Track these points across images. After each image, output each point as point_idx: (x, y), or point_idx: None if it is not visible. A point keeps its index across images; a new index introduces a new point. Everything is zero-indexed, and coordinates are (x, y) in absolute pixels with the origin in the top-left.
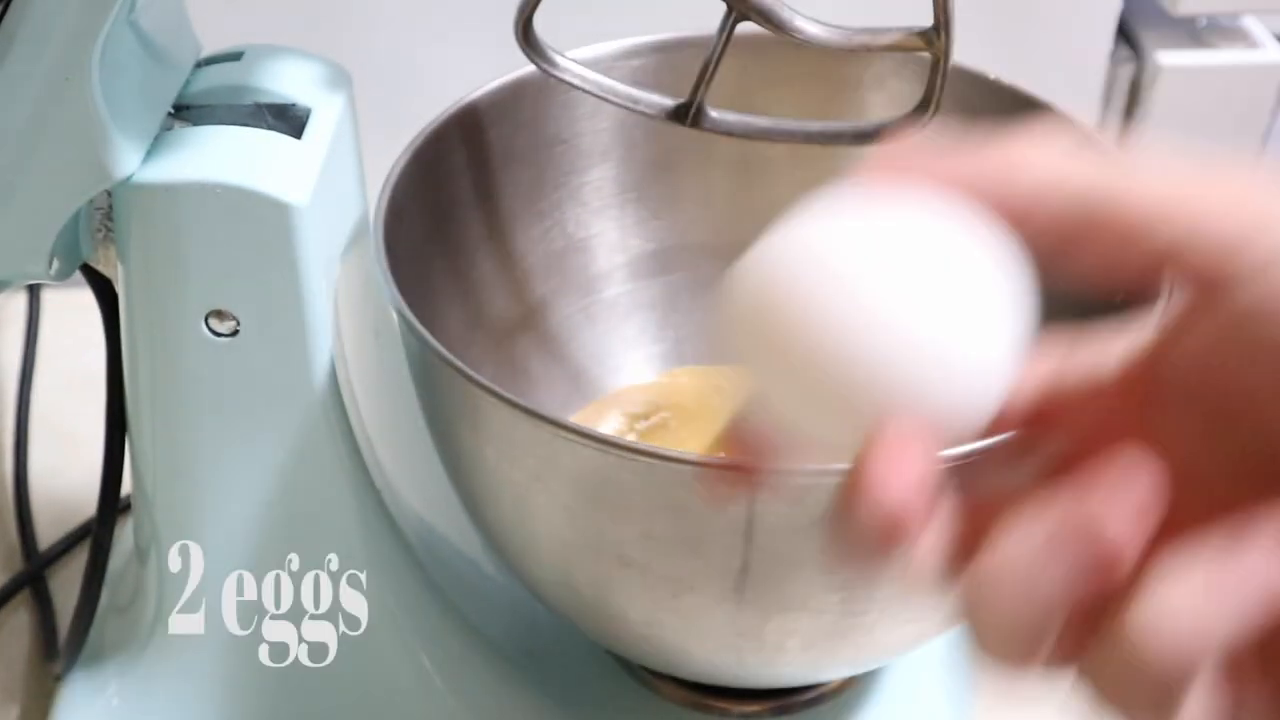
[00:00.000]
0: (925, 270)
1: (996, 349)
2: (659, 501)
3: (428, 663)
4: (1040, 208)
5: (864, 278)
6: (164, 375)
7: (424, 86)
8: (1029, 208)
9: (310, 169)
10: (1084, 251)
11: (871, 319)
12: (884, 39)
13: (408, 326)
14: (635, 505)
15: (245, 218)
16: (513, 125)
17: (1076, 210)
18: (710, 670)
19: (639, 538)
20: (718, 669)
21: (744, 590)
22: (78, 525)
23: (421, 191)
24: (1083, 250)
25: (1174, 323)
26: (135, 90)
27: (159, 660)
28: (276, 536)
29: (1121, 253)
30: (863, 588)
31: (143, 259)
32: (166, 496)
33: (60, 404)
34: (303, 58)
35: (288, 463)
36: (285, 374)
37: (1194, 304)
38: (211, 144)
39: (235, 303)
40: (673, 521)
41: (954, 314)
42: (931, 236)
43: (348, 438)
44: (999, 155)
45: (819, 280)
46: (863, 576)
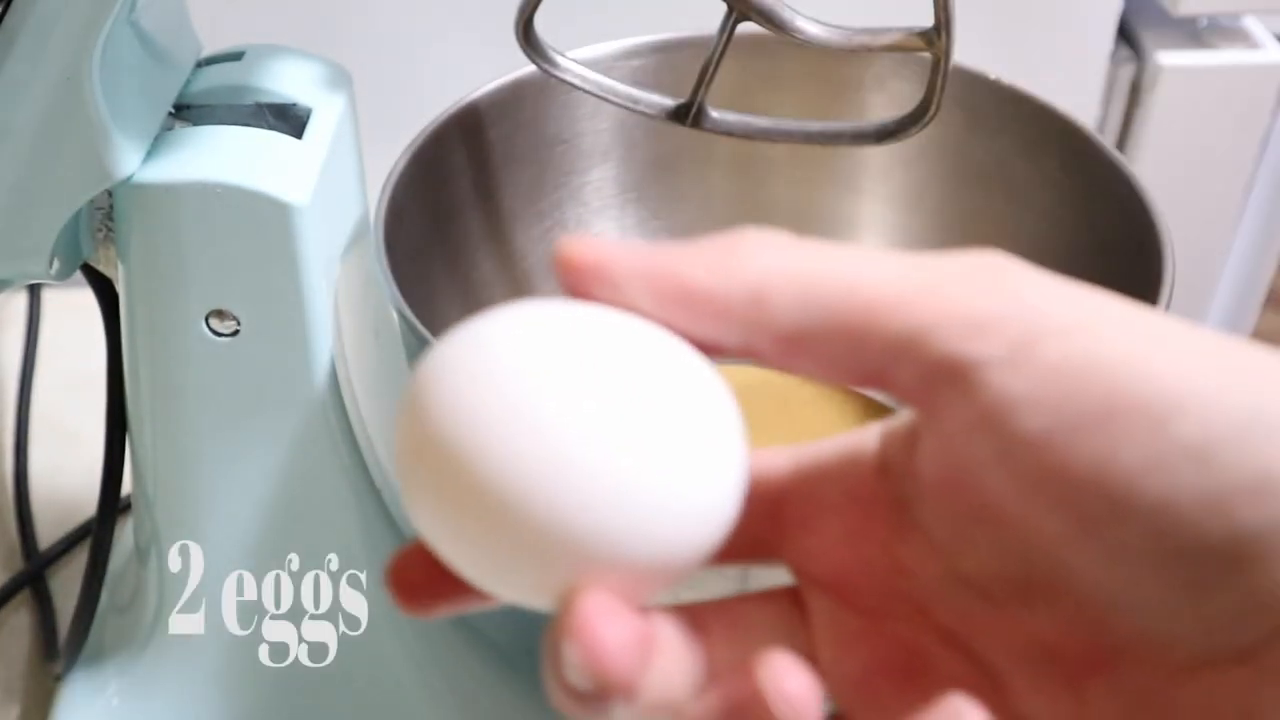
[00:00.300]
0: (626, 387)
1: (721, 473)
2: None
3: (428, 663)
4: (756, 305)
5: (546, 395)
6: (164, 375)
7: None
8: (749, 306)
9: (311, 169)
10: (811, 350)
11: (558, 450)
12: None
13: (408, 326)
14: None
15: (245, 218)
16: (513, 125)
17: (796, 306)
18: None
19: None
20: None
21: (745, 589)
22: (78, 525)
23: (421, 191)
24: (810, 348)
25: (918, 418)
26: (136, 90)
27: (159, 660)
28: (276, 536)
29: (851, 348)
30: None
31: (143, 259)
32: (166, 496)
33: (60, 404)
34: (303, 58)
35: (288, 463)
36: (285, 374)
37: (932, 399)
38: (212, 144)
39: (235, 303)
40: None
41: (664, 434)
42: (628, 346)
43: (348, 438)
44: (708, 249)
45: (488, 401)
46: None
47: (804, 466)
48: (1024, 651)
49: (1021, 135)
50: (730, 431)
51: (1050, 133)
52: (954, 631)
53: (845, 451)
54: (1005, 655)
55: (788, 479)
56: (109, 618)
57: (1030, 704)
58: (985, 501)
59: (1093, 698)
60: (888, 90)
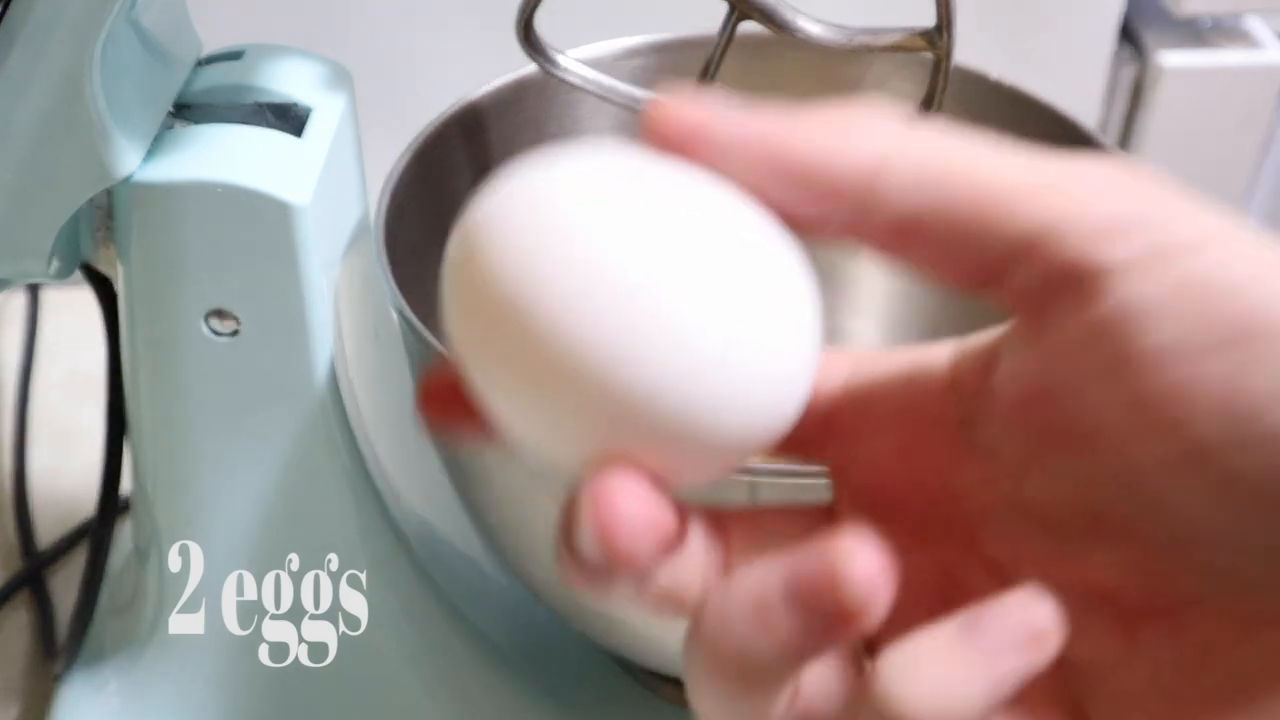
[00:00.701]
0: (699, 242)
1: (796, 342)
2: None
3: (428, 663)
4: (871, 184)
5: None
6: (164, 375)
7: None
8: (863, 184)
9: (311, 168)
10: (924, 239)
11: (627, 305)
12: (886, 39)
13: (408, 326)
14: None
15: (246, 217)
16: (514, 125)
17: (915, 187)
18: None
19: None
20: None
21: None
22: (77, 525)
23: (421, 191)
24: (923, 237)
25: (1017, 328)
26: (135, 89)
27: (159, 660)
28: (276, 536)
29: (970, 240)
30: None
31: (143, 258)
32: (166, 496)
33: (60, 403)
34: (304, 57)
35: (288, 463)
36: (285, 374)
37: (1047, 305)
38: (212, 143)
39: (236, 302)
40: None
41: (744, 306)
42: (707, 206)
43: (348, 438)
44: (823, 120)
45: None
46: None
47: (864, 373)
48: (1075, 590)
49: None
50: (810, 318)
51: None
52: (1000, 563)
53: (911, 365)
54: (1053, 592)
55: (845, 383)
56: (109, 618)
57: (1072, 644)
58: (1078, 422)
59: (1145, 643)
60: (889, 90)
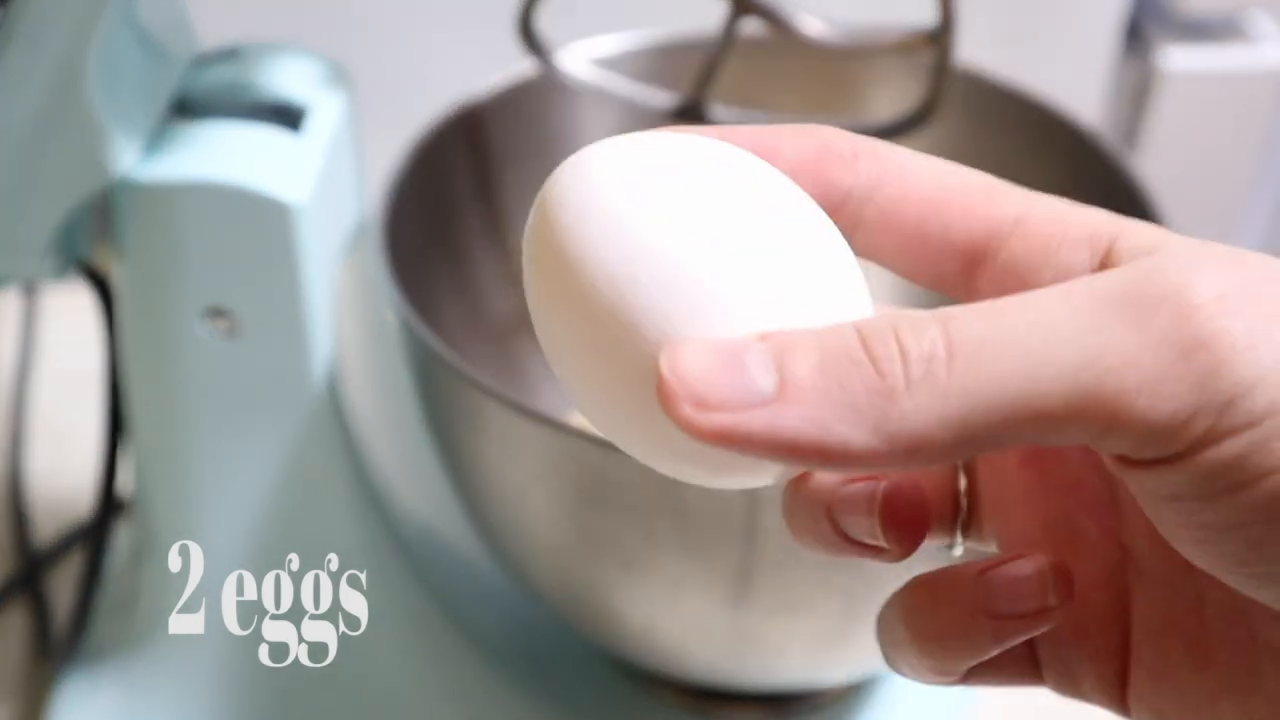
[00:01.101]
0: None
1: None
2: (659, 502)
3: (427, 663)
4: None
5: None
6: (162, 375)
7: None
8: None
9: (310, 168)
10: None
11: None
12: (887, 38)
13: (408, 326)
14: (635, 505)
15: (244, 217)
16: (514, 124)
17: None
18: (710, 674)
19: (639, 539)
20: (718, 673)
21: (745, 592)
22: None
23: (421, 191)
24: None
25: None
26: (132, 86)
27: (158, 660)
28: (276, 536)
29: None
30: (865, 590)
31: (140, 258)
32: (166, 496)
33: (57, 403)
34: (303, 56)
35: (287, 463)
36: (284, 374)
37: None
38: (210, 143)
39: (234, 302)
40: (673, 522)
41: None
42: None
43: (347, 438)
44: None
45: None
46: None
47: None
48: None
49: (1025, 135)
50: (863, 290)
51: (1054, 133)
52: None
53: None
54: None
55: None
56: (107, 617)
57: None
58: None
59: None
60: (890, 88)
